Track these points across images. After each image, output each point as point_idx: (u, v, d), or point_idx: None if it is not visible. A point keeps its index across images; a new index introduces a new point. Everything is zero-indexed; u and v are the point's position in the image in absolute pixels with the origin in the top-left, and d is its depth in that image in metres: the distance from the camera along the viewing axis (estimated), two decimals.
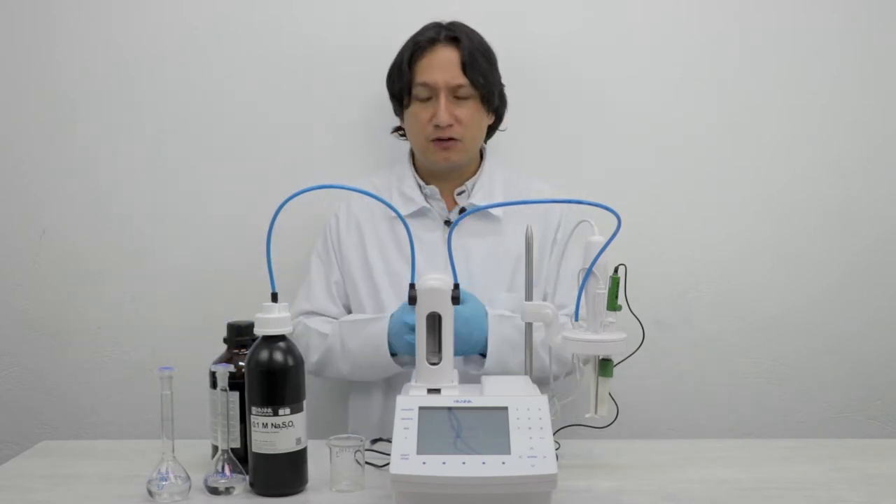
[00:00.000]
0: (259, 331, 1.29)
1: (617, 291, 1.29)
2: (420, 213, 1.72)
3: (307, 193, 1.32)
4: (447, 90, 1.67)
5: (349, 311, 1.76)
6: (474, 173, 1.77)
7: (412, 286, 1.35)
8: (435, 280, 1.35)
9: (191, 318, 2.00)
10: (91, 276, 2.02)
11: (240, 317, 1.44)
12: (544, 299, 1.72)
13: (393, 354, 1.59)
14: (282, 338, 1.29)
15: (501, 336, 1.57)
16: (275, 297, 1.30)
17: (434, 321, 1.35)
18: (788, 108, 2.01)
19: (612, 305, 1.29)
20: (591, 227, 1.30)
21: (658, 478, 1.37)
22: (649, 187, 2.01)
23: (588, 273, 1.29)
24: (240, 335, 1.40)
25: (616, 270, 1.30)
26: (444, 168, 1.72)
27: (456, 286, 1.35)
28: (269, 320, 1.28)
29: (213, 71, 1.98)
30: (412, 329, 1.52)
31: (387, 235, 1.73)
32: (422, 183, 1.75)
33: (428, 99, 1.68)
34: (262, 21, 1.98)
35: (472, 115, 1.69)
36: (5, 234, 2.02)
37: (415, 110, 1.70)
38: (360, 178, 1.85)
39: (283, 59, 1.98)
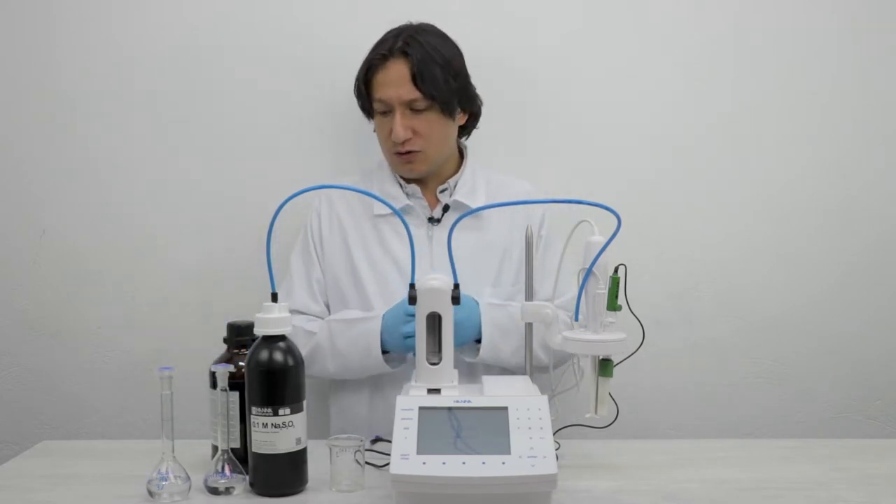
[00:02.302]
0: (259, 331, 1.29)
1: (617, 291, 1.29)
2: (403, 212, 1.72)
3: (307, 193, 1.32)
4: (402, 105, 1.66)
5: (329, 310, 1.76)
6: (456, 170, 1.78)
7: (412, 286, 1.35)
8: (435, 280, 1.35)
9: (191, 318, 2.00)
10: (91, 276, 2.02)
11: (240, 317, 1.44)
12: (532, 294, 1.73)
13: (384, 352, 1.60)
14: (282, 338, 1.29)
15: (493, 322, 1.60)
16: (275, 297, 1.30)
17: (434, 321, 1.34)
18: (788, 108, 2.01)
19: (612, 305, 1.29)
20: (591, 227, 1.30)
21: (658, 478, 1.37)
22: (649, 187, 2.01)
23: (588, 273, 1.29)
24: (240, 335, 1.40)
25: (616, 270, 1.30)
26: (413, 177, 1.74)
27: (456, 286, 1.35)
28: (269, 320, 1.28)
29: (213, 71, 1.98)
30: (411, 318, 1.52)
31: (370, 233, 1.74)
32: (403, 182, 1.76)
33: (387, 113, 1.69)
34: (262, 21, 1.97)
35: (430, 125, 1.68)
36: (5, 234, 2.02)
37: (378, 123, 1.72)
38: (346, 178, 1.85)
39: (283, 58, 1.98)
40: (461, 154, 1.81)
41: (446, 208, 1.73)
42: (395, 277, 1.69)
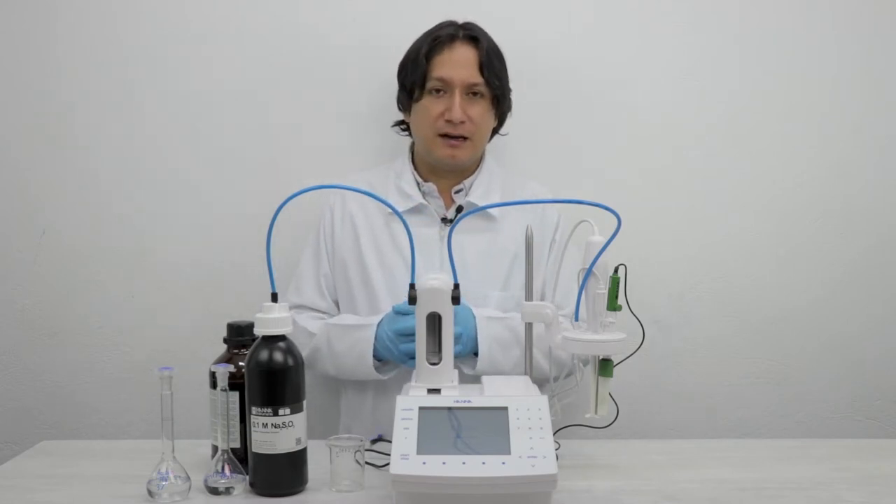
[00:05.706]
0: (259, 331, 1.29)
1: (617, 291, 1.29)
2: (417, 210, 1.72)
3: (307, 193, 1.33)
4: (463, 87, 1.67)
5: (338, 305, 1.76)
6: (472, 172, 1.77)
7: (412, 286, 1.35)
8: (435, 280, 1.35)
9: (191, 318, 2.00)
10: (91, 276, 2.02)
11: (240, 317, 1.44)
12: (542, 300, 1.72)
13: (380, 359, 1.60)
14: (282, 338, 1.29)
15: (491, 337, 1.59)
16: (275, 297, 1.30)
17: (434, 321, 1.34)
18: (788, 108, 2.01)
19: (612, 305, 1.29)
20: (591, 227, 1.30)
21: (658, 478, 1.37)
22: (649, 187, 2.01)
23: (588, 273, 1.29)
24: (240, 335, 1.40)
25: (616, 270, 1.29)
26: (449, 165, 1.72)
27: (456, 286, 1.35)
28: (269, 320, 1.28)
29: (213, 70, 1.98)
30: (401, 337, 1.53)
31: (382, 231, 1.73)
32: (420, 180, 1.75)
33: (441, 94, 1.68)
34: (263, 20, 1.97)
35: (483, 114, 1.70)
36: (5, 234, 2.02)
37: (426, 103, 1.70)
38: (360, 173, 1.85)
39: (283, 57, 1.98)
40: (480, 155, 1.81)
41: (460, 209, 1.73)
42: (403, 276, 1.68)
